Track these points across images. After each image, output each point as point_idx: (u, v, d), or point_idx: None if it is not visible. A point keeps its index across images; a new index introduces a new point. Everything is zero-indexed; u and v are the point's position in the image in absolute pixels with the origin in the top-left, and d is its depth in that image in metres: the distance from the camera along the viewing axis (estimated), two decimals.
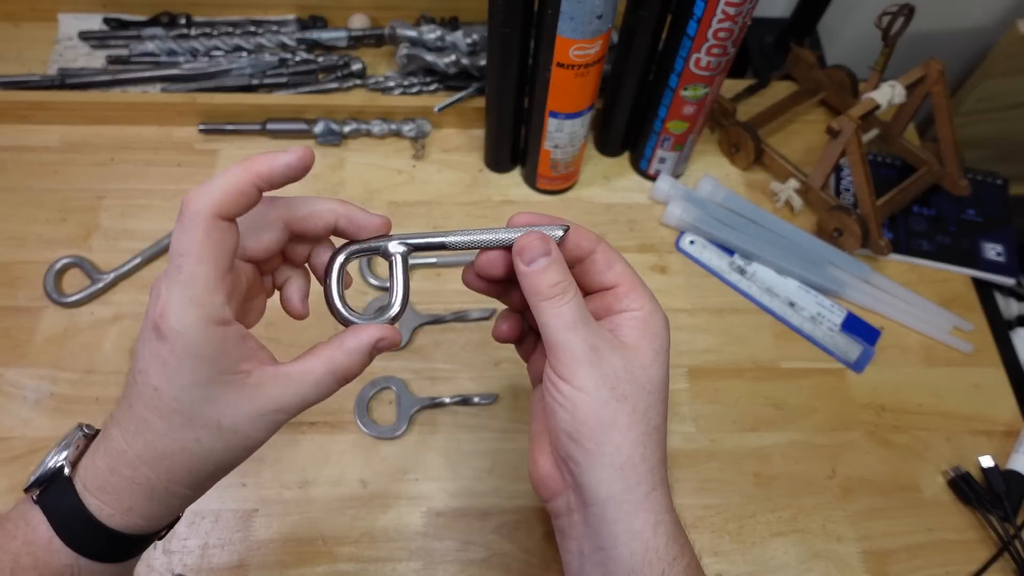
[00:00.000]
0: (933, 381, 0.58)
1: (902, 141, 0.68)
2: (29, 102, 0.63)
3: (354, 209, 0.35)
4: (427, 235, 0.37)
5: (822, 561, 0.50)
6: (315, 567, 0.48)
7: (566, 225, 0.36)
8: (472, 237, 0.37)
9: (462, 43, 0.66)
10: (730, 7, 0.50)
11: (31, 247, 0.59)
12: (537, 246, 0.34)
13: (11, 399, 0.52)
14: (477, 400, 0.54)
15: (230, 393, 0.31)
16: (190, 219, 0.29)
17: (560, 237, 0.36)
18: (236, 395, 0.31)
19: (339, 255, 0.36)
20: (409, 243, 0.37)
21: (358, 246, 0.36)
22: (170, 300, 0.29)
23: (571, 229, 0.36)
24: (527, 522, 0.50)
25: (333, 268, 0.37)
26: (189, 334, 0.29)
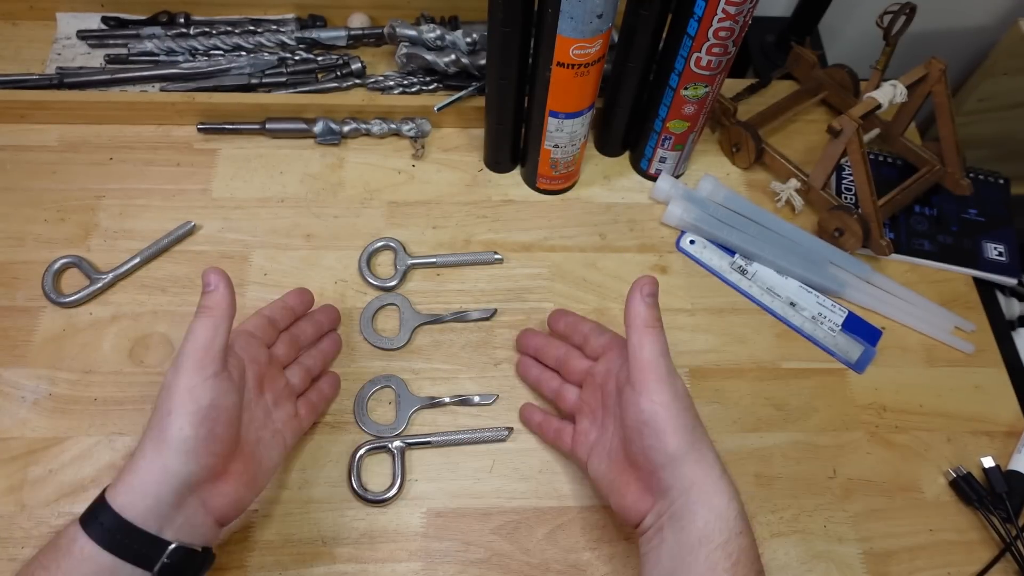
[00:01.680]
0: (934, 381, 0.58)
1: (903, 140, 0.67)
2: (27, 101, 0.63)
3: (278, 303, 0.51)
4: (420, 435, 0.52)
5: (823, 562, 0.50)
6: (315, 567, 0.48)
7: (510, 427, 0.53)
8: (454, 437, 0.52)
9: (462, 42, 0.66)
10: (731, 6, 0.50)
11: (29, 247, 0.59)
12: (654, 286, 0.44)
13: (9, 399, 0.52)
14: (477, 400, 0.54)
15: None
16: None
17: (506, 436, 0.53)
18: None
19: (358, 451, 0.51)
20: (407, 442, 0.52)
21: (370, 445, 0.51)
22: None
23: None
24: (527, 522, 0.50)
25: (354, 461, 0.51)
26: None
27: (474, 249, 0.61)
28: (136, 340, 0.55)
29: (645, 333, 0.42)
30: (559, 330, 0.54)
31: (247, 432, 0.43)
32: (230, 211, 0.62)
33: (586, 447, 0.47)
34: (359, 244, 0.60)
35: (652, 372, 0.41)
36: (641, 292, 0.43)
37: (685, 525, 0.39)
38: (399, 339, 0.56)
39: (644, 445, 0.41)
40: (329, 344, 0.54)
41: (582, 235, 0.63)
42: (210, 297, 0.42)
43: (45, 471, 0.50)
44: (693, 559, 0.38)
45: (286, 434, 0.47)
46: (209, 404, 0.39)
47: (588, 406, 0.48)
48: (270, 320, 0.49)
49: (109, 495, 0.37)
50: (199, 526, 0.40)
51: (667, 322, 0.58)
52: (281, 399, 0.47)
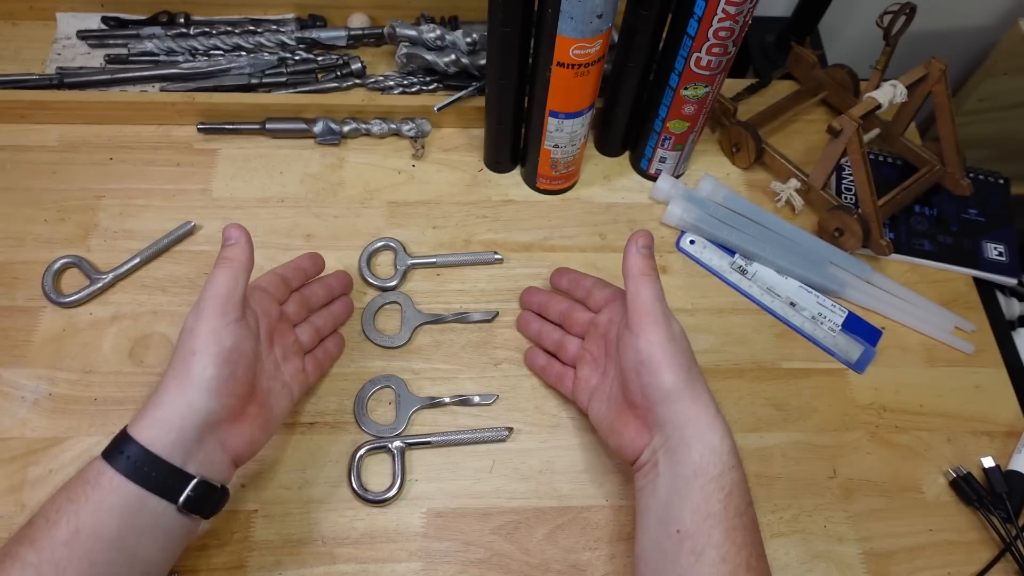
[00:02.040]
0: (934, 381, 0.58)
1: (903, 140, 0.67)
2: (27, 101, 0.63)
3: (291, 263, 0.53)
4: (420, 435, 0.52)
5: (823, 562, 0.50)
6: (315, 568, 0.48)
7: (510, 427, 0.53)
8: (454, 437, 0.52)
9: (462, 42, 0.66)
10: (731, 6, 0.50)
11: (29, 247, 0.59)
12: (648, 239, 0.46)
13: (9, 399, 0.52)
14: (477, 400, 0.54)
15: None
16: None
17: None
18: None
19: (358, 452, 0.51)
20: (406, 442, 0.52)
21: (370, 445, 0.51)
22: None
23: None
24: (527, 522, 0.50)
25: (354, 461, 0.51)
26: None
27: (474, 249, 0.61)
28: (136, 340, 0.55)
29: (641, 281, 0.44)
30: (562, 286, 0.56)
31: (260, 381, 0.45)
32: (230, 211, 0.62)
33: (587, 392, 0.50)
34: (359, 244, 0.60)
35: (649, 315, 0.43)
36: (636, 244, 0.45)
37: (681, 458, 0.41)
38: (400, 337, 0.56)
39: (642, 383, 0.43)
40: (340, 306, 0.55)
41: (582, 235, 0.63)
42: (231, 250, 0.44)
43: (45, 471, 0.50)
44: (688, 490, 0.40)
45: (293, 387, 0.49)
46: (231, 347, 0.41)
47: (591, 354, 0.51)
48: (283, 278, 0.51)
49: (133, 430, 0.39)
50: (217, 463, 0.41)
51: None
52: (289, 354, 0.49)
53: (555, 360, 0.54)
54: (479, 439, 0.53)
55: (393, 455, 0.51)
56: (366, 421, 0.53)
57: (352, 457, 0.51)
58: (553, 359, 0.54)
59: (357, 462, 0.51)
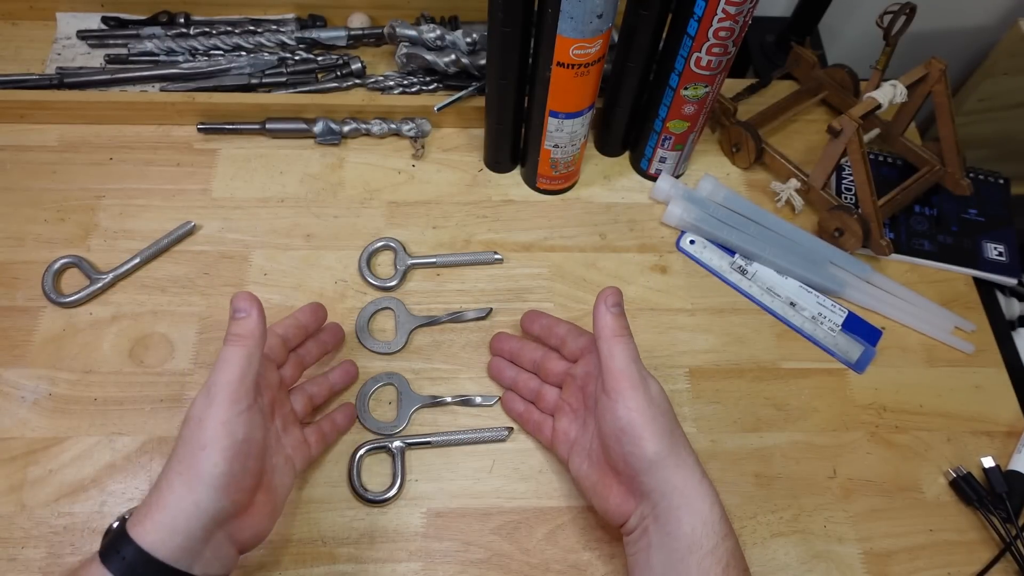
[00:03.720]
0: (934, 381, 0.58)
1: (903, 140, 0.67)
2: (27, 101, 0.63)
3: (291, 321, 0.49)
4: (420, 435, 0.52)
5: (823, 562, 0.50)
6: (315, 568, 0.48)
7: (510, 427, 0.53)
8: (454, 437, 0.52)
9: (462, 42, 0.66)
10: (731, 6, 0.50)
11: (29, 247, 0.59)
12: (618, 296, 0.44)
13: (9, 399, 0.52)
14: (479, 401, 0.54)
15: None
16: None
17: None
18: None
19: (358, 451, 0.51)
20: (406, 442, 0.51)
21: (370, 445, 0.51)
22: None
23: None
24: (527, 522, 0.50)
25: (354, 461, 0.50)
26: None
27: (474, 249, 0.61)
28: (136, 340, 0.55)
29: (614, 343, 0.43)
30: (533, 332, 0.54)
31: (266, 461, 0.42)
32: (230, 211, 0.62)
33: (566, 445, 0.48)
34: (359, 244, 0.60)
35: (625, 380, 0.42)
36: (606, 303, 0.44)
37: (671, 531, 0.40)
38: (396, 343, 0.56)
39: (623, 452, 0.42)
40: (340, 375, 0.52)
41: (582, 235, 0.63)
42: (242, 325, 0.40)
43: (45, 471, 0.50)
44: (685, 567, 0.39)
45: (296, 461, 0.46)
46: (243, 439, 0.38)
47: (569, 406, 0.49)
48: (283, 340, 0.48)
49: (135, 533, 0.36)
50: (224, 558, 0.39)
51: (667, 322, 0.59)
52: (288, 424, 0.47)
53: (533, 407, 0.52)
54: (479, 439, 0.53)
55: (393, 455, 0.51)
56: (367, 418, 0.53)
57: (352, 457, 0.51)
58: (531, 406, 0.52)
59: (357, 462, 0.51)
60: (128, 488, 0.50)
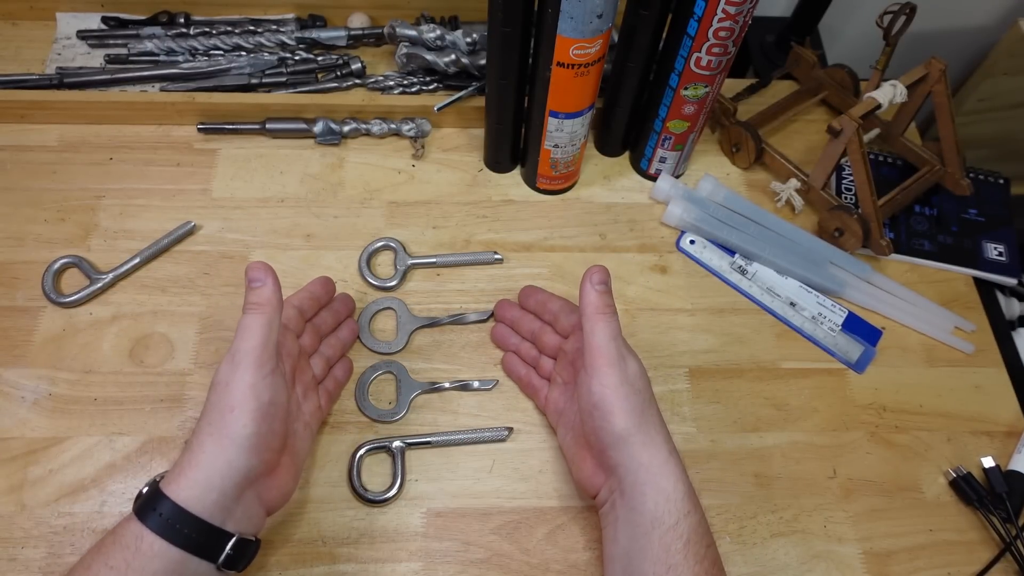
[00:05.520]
0: (934, 381, 0.58)
1: (903, 140, 0.67)
2: (27, 101, 0.63)
3: (305, 293, 0.51)
4: (420, 435, 0.52)
5: (823, 562, 0.50)
6: (315, 568, 0.48)
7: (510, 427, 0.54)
8: (454, 437, 0.52)
9: (462, 42, 0.66)
10: (731, 6, 0.50)
11: (29, 247, 0.59)
12: (604, 274, 0.45)
13: (9, 399, 0.52)
14: (477, 385, 0.54)
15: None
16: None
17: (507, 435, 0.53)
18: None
19: (358, 451, 0.51)
20: (407, 442, 0.52)
21: (370, 445, 0.51)
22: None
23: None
24: (527, 522, 0.50)
25: (354, 461, 0.51)
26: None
27: (474, 249, 0.61)
28: (136, 340, 0.55)
29: (596, 320, 0.44)
30: (529, 307, 0.55)
31: (289, 425, 0.44)
32: (230, 211, 0.62)
33: (555, 414, 0.51)
34: (359, 244, 0.61)
35: (603, 356, 0.43)
36: (591, 281, 0.45)
37: (635, 506, 0.41)
38: (397, 343, 0.56)
39: (594, 426, 0.43)
40: (348, 332, 0.55)
41: (582, 235, 0.63)
42: (259, 293, 0.42)
43: (45, 471, 0.50)
44: (647, 541, 0.41)
45: (313, 425, 0.48)
46: (269, 401, 0.40)
47: (561, 377, 0.51)
48: (299, 311, 0.50)
49: (169, 490, 0.38)
50: (254, 517, 0.41)
51: (667, 322, 0.59)
52: (308, 391, 0.49)
53: (533, 371, 0.54)
54: (479, 439, 0.53)
55: (393, 455, 0.51)
56: (367, 405, 0.53)
57: (352, 457, 0.51)
58: (532, 370, 0.54)
59: (357, 462, 0.51)
60: (128, 488, 0.49)
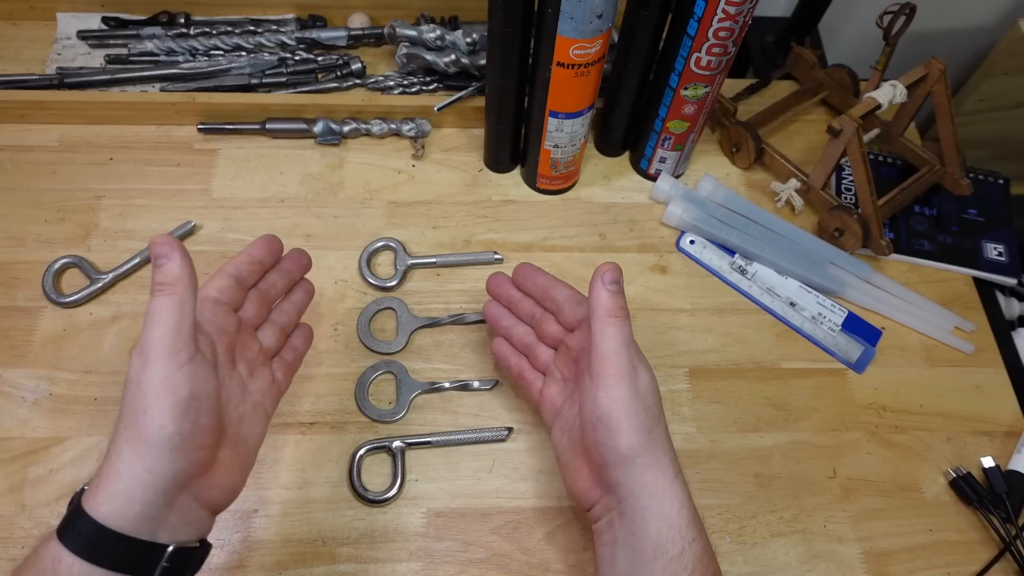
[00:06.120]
0: (934, 381, 0.58)
1: (903, 141, 0.67)
2: (27, 101, 0.63)
3: (244, 257, 0.44)
4: (420, 435, 0.52)
5: (823, 562, 0.50)
6: (315, 568, 0.48)
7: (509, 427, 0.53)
8: (454, 437, 0.52)
9: (462, 42, 0.66)
10: (731, 6, 0.50)
11: (30, 247, 0.59)
12: (617, 273, 0.41)
13: (9, 399, 0.52)
14: (477, 385, 0.54)
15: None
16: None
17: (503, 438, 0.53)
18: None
19: (358, 451, 0.51)
20: (407, 442, 0.51)
21: (370, 445, 0.51)
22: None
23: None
24: (527, 522, 0.50)
25: (354, 461, 0.51)
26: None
27: (474, 249, 0.61)
28: (136, 340, 0.55)
29: (608, 323, 0.40)
30: (528, 291, 0.50)
31: (228, 412, 0.39)
32: (230, 211, 0.62)
33: (552, 413, 0.46)
34: (359, 244, 0.61)
35: (612, 366, 0.40)
36: (603, 280, 0.41)
37: (636, 531, 0.39)
38: (397, 343, 0.56)
39: (597, 440, 0.40)
40: (301, 295, 0.48)
41: (582, 235, 0.63)
42: (165, 271, 0.36)
43: (45, 471, 0.50)
44: (650, 571, 0.38)
45: (267, 404, 0.42)
46: (189, 395, 0.35)
47: (561, 373, 0.47)
48: (236, 279, 0.42)
49: (89, 505, 0.34)
50: (194, 521, 0.37)
51: (667, 322, 0.59)
52: (256, 366, 0.43)
53: (525, 362, 0.49)
54: (479, 439, 0.53)
55: (393, 455, 0.51)
56: (367, 405, 0.53)
57: (352, 457, 0.51)
58: (523, 360, 0.49)
59: (357, 462, 0.51)
60: None
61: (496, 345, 0.51)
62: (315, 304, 0.57)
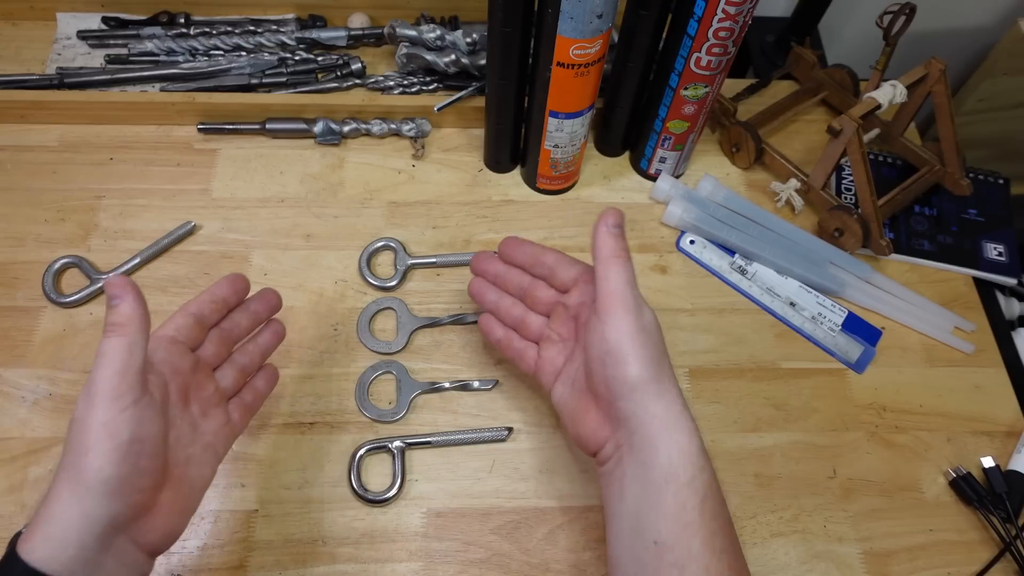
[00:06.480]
0: (934, 381, 0.58)
1: (903, 141, 0.67)
2: (27, 101, 0.63)
3: (206, 296, 0.44)
4: (420, 435, 0.52)
5: (823, 562, 0.50)
6: (315, 568, 0.48)
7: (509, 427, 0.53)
8: (454, 437, 0.52)
9: (462, 42, 0.66)
10: (731, 6, 0.50)
11: (30, 247, 0.59)
12: (619, 217, 0.42)
13: (9, 399, 0.52)
14: (477, 385, 0.54)
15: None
16: None
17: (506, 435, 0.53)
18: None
19: (358, 451, 0.51)
20: (406, 442, 0.52)
21: (370, 445, 0.51)
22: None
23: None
24: (527, 522, 0.50)
25: (354, 461, 0.51)
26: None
27: (474, 249, 0.61)
28: None
29: (611, 263, 0.41)
30: (518, 261, 0.50)
31: (174, 454, 0.39)
32: (230, 211, 0.62)
33: (552, 374, 0.46)
34: (359, 244, 0.61)
35: (618, 301, 0.40)
36: (606, 224, 0.42)
37: (647, 460, 0.39)
38: (397, 343, 0.56)
39: (606, 375, 0.40)
40: (268, 336, 0.48)
41: (582, 235, 0.63)
42: (117, 312, 0.36)
43: (45, 471, 0.50)
44: (660, 498, 0.38)
45: (218, 446, 0.42)
46: (130, 438, 0.34)
47: (558, 335, 0.47)
48: (196, 318, 0.43)
49: (23, 549, 0.33)
50: (131, 564, 0.36)
51: (667, 322, 0.59)
52: (210, 407, 0.42)
53: (514, 333, 0.49)
54: (479, 439, 0.53)
55: (393, 455, 0.51)
56: (367, 405, 0.53)
57: (352, 457, 0.51)
58: (512, 332, 0.49)
59: (357, 462, 0.51)
60: None
61: (483, 323, 0.51)
62: (315, 304, 0.57)
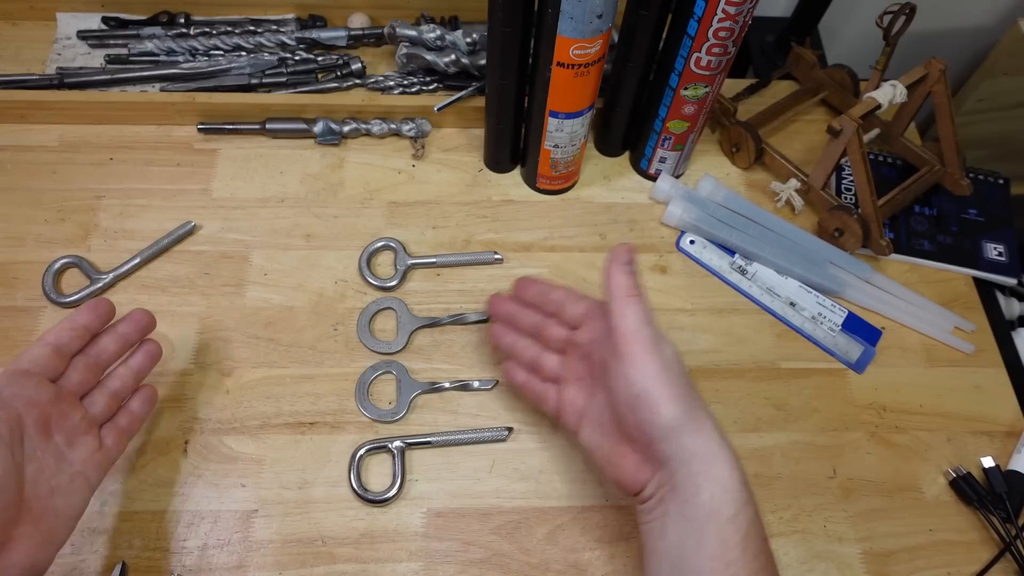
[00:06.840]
0: (934, 381, 0.58)
1: (903, 141, 0.67)
2: (27, 101, 0.63)
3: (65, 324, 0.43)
4: (420, 435, 0.52)
5: (823, 562, 0.50)
6: (315, 568, 0.48)
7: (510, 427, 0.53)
8: (454, 437, 0.52)
9: (462, 42, 0.66)
10: (731, 6, 0.50)
11: (30, 247, 0.59)
12: (630, 254, 0.42)
13: None
14: (477, 385, 0.54)
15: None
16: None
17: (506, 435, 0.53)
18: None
19: (358, 451, 0.51)
20: (406, 442, 0.52)
21: (370, 445, 0.51)
22: None
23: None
24: (527, 522, 0.50)
25: (354, 461, 0.51)
26: None
27: (474, 249, 0.61)
28: None
29: (627, 303, 0.41)
30: (527, 299, 0.51)
31: (35, 487, 0.38)
32: (230, 211, 0.62)
33: (575, 416, 0.46)
34: (359, 244, 0.61)
35: (637, 342, 0.40)
36: (619, 261, 0.42)
37: (689, 498, 0.38)
38: (397, 343, 0.56)
39: (638, 419, 0.40)
40: (141, 357, 0.47)
41: (582, 235, 0.63)
42: None
43: None
44: (703, 535, 0.37)
45: (89, 474, 0.41)
46: None
47: (574, 373, 0.46)
48: (54, 348, 0.42)
49: None
50: None
51: (667, 322, 0.59)
52: (77, 436, 0.42)
53: (535, 376, 0.49)
54: (479, 439, 0.53)
55: (393, 455, 0.51)
56: (367, 405, 0.53)
57: (352, 457, 0.51)
58: (533, 376, 0.49)
59: (357, 462, 0.51)
60: (129, 488, 0.50)
61: (506, 369, 0.51)
62: (315, 304, 0.57)
